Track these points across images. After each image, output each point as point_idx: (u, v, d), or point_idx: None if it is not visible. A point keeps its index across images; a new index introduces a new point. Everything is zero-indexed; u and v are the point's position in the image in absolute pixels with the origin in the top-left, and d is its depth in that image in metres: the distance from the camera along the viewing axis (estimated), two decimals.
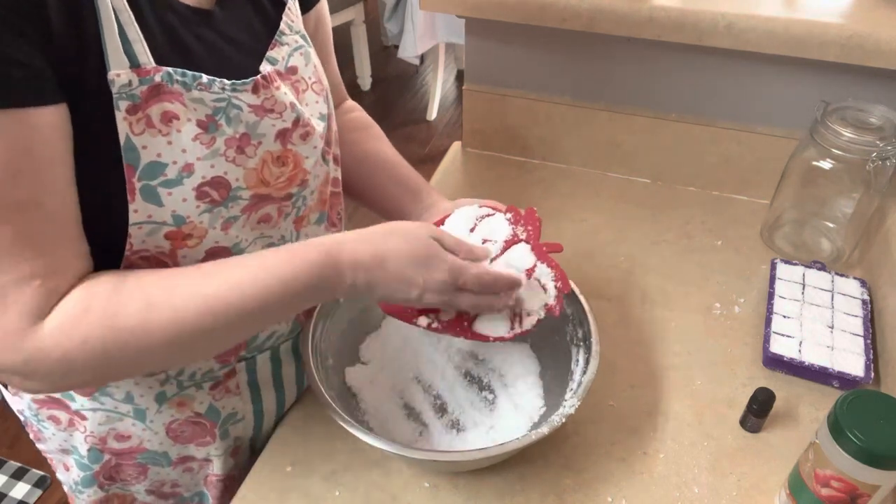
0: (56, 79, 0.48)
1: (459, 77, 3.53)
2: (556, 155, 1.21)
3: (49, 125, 0.48)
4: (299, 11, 0.69)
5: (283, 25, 0.64)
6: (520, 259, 0.69)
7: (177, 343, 0.54)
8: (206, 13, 0.58)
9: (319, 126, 0.66)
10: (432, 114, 3.19)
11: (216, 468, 0.78)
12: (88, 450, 0.73)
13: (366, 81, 3.38)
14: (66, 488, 0.81)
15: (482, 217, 0.74)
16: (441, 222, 0.74)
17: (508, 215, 0.74)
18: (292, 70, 0.64)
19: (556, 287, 0.69)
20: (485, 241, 0.71)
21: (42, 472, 1.70)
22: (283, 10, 0.65)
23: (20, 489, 1.67)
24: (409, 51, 2.90)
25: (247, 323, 0.58)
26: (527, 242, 0.71)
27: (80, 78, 0.49)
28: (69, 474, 0.79)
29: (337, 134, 0.75)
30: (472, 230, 0.72)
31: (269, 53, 0.62)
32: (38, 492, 1.67)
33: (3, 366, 0.52)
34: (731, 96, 1.05)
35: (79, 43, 0.49)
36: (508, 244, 0.70)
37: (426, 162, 2.84)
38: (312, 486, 0.72)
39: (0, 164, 0.47)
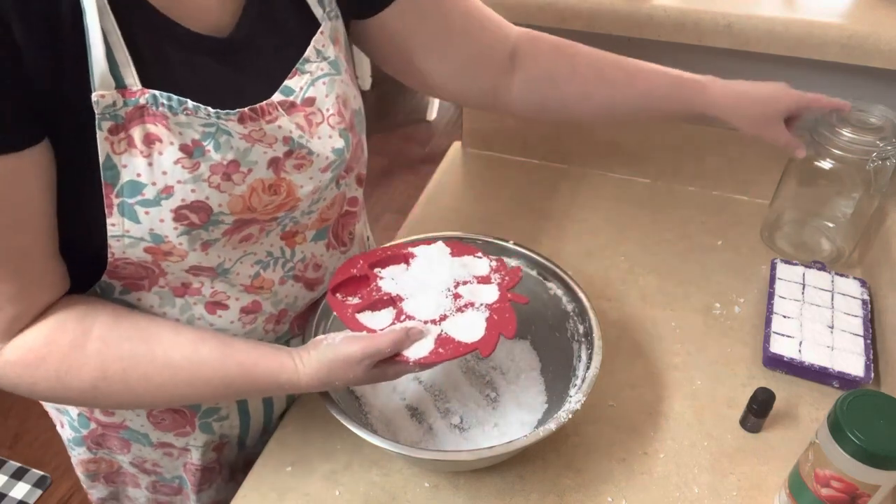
0: (34, 113, 0.48)
1: None
2: (556, 155, 1.21)
3: (25, 168, 0.49)
4: (343, 31, 0.67)
5: (309, 52, 0.62)
6: (483, 294, 0.69)
7: (125, 406, 0.65)
8: (216, 41, 0.57)
9: (326, 160, 0.63)
10: (432, 114, 3.19)
11: (194, 458, 0.79)
12: (78, 415, 0.75)
13: (366, 81, 3.37)
14: (64, 442, 0.83)
15: (465, 252, 0.74)
16: (424, 242, 0.74)
17: (493, 262, 0.74)
18: (309, 101, 0.62)
19: (487, 325, 0.66)
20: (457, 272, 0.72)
21: (42, 472, 1.70)
22: (313, 34, 0.63)
23: (20, 489, 1.67)
24: None
25: (199, 401, 0.69)
26: (496, 286, 0.71)
27: (60, 99, 0.49)
28: (64, 431, 0.81)
29: (366, 156, 0.73)
30: (453, 256, 0.73)
31: (287, 83, 0.60)
32: (38, 492, 1.67)
33: None
34: None
35: (57, 68, 0.49)
36: (480, 281, 0.71)
37: (426, 162, 2.84)
38: (312, 486, 0.72)
39: None
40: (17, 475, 1.70)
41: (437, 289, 0.69)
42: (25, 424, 1.82)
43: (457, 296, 0.68)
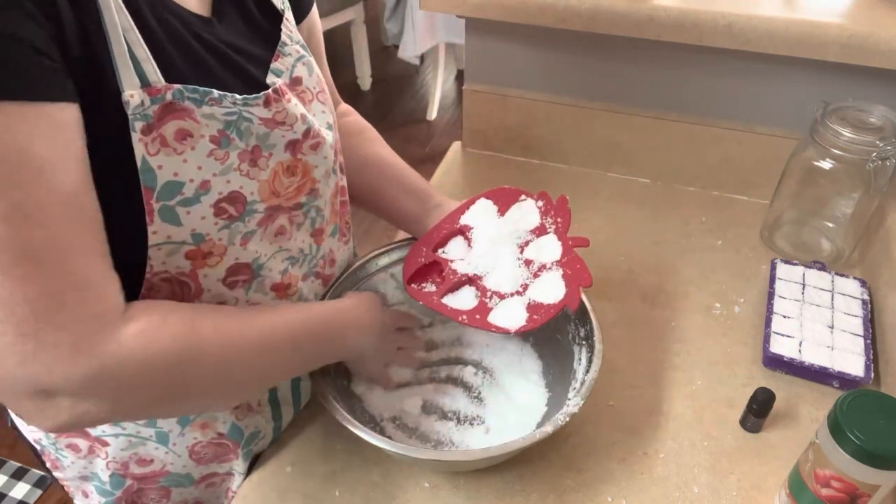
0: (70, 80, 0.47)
1: (459, 77, 3.53)
2: (556, 155, 1.21)
3: (71, 122, 0.47)
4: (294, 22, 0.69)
5: (283, 37, 0.64)
6: (548, 250, 0.73)
7: (245, 360, 0.58)
8: (208, 20, 0.58)
9: (329, 136, 0.66)
10: (432, 114, 3.19)
11: (236, 485, 0.77)
12: (110, 476, 0.72)
13: (366, 81, 3.37)
14: None
15: (512, 201, 0.78)
16: (470, 203, 0.76)
17: (540, 203, 0.75)
18: (297, 81, 0.64)
19: (565, 281, 0.71)
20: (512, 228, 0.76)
21: (42, 472, 1.70)
22: (279, 22, 0.65)
23: (20, 489, 1.67)
24: (409, 51, 2.90)
25: (291, 351, 0.63)
26: (555, 234, 0.74)
27: (95, 100, 0.48)
28: (89, 501, 0.77)
29: (339, 141, 0.75)
30: (501, 213, 0.74)
31: (274, 65, 0.62)
32: (38, 492, 1.67)
33: (57, 383, 0.46)
34: (731, 96, 1.05)
35: (91, 65, 0.48)
36: (539, 233, 0.74)
37: (426, 162, 2.83)
38: (312, 486, 0.72)
39: (38, 160, 0.44)
40: (17, 475, 1.70)
41: (509, 260, 0.74)
42: None
43: (528, 262, 0.73)
